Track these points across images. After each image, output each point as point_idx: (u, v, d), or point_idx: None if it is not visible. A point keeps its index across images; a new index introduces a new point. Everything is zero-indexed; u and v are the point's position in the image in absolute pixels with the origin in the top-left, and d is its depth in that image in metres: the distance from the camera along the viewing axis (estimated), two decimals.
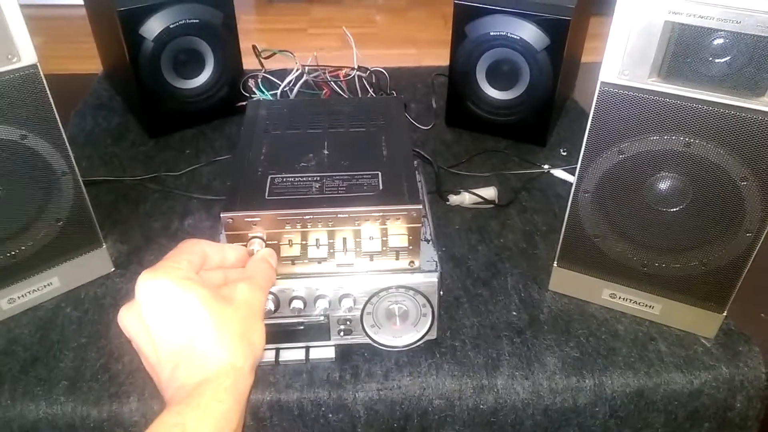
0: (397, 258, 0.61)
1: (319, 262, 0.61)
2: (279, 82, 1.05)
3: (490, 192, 0.90)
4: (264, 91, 1.03)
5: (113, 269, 0.77)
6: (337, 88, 1.06)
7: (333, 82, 1.07)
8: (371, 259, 0.61)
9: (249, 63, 1.10)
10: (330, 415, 0.64)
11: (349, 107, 0.77)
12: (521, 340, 0.69)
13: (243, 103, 0.97)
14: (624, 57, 0.58)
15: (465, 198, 0.89)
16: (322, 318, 0.64)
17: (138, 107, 1.03)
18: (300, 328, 0.64)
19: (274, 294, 0.61)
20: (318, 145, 0.67)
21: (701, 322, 0.68)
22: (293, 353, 0.65)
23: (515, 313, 0.72)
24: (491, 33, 0.94)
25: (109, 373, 0.64)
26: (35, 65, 0.62)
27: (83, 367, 0.65)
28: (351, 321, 0.64)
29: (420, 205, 0.59)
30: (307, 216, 0.58)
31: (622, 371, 0.65)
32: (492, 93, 1.00)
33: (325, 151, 0.66)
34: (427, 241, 0.66)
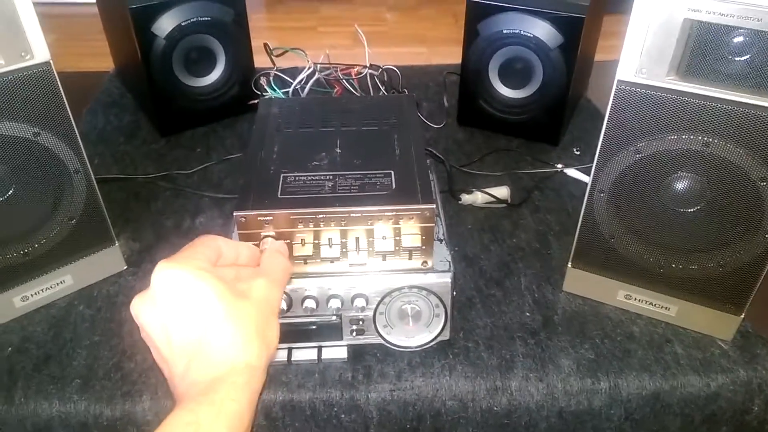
0: (410, 258, 0.61)
1: (332, 261, 0.61)
2: (291, 80, 1.05)
3: (502, 191, 0.89)
4: (276, 89, 1.03)
5: (125, 267, 0.77)
6: (349, 86, 1.06)
7: (345, 80, 1.06)
8: (384, 259, 0.61)
9: (260, 61, 1.10)
10: (342, 416, 0.63)
11: (362, 105, 0.76)
12: (535, 341, 0.68)
13: (254, 101, 0.97)
14: (642, 55, 0.57)
15: (477, 197, 0.89)
16: (334, 318, 0.63)
17: (149, 105, 1.03)
18: (312, 327, 0.64)
19: (286, 293, 0.61)
20: (330, 144, 0.67)
21: (718, 324, 0.67)
22: (305, 353, 0.65)
23: (529, 314, 0.72)
24: (504, 31, 0.93)
25: (122, 372, 0.65)
26: (48, 62, 0.62)
27: (96, 366, 0.65)
28: (363, 321, 0.64)
29: (433, 205, 0.58)
30: (320, 215, 0.58)
31: (637, 373, 0.65)
32: (504, 91, 0.99)
33: (338, 150, 0.66)
34: (440, 241, 0.65)
